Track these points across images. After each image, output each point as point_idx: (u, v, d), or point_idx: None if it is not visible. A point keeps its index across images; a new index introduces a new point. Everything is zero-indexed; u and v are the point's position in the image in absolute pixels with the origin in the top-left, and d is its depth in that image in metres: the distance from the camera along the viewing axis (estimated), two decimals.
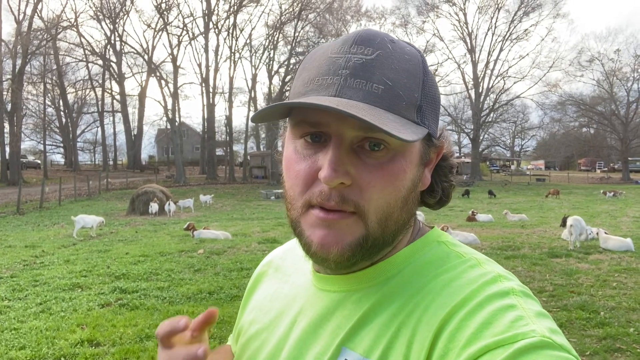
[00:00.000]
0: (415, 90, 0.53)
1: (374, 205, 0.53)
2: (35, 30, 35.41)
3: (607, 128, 47.51)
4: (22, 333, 4.55)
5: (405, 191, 0.55)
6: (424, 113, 0.55)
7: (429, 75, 0.57)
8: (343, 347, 0.56)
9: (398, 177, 0.53)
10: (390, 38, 0.56)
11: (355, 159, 0.52)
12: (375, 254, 0.57)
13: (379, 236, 0.54)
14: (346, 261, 0.54)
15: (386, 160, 0.53)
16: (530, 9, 42.21)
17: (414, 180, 0.56)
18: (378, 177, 0.52)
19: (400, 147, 0.53)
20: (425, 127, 0.55)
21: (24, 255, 8.74)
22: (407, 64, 0.54)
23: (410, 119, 0.53)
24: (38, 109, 44.35)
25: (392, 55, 0.54)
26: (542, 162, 67.93)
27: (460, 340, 0.47)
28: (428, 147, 0.58)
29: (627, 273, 6.83)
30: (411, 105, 0.53)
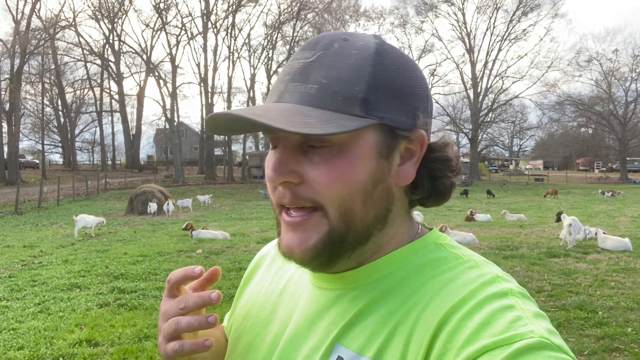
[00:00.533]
0: (356, 83, 0.53)
1: (327, 199, 0.54)
2: (34, 29, 35.39)
3: (605, 128, 47.61)
4: (21, 333, 4.55)
5: (359, 185, 0.54)
6: (371, 104, 0.53)
7: (386, 65, 0.55)
8: (337, 344, 0.56)
9: (344, 171, 0.53)
10: (344, 36, 0.57)
11: (302, 158, 0.54)
12: (349, 250, 0.57)
13: (344, 232, 0.55)
14: (310, 261, 0.56)
15: (330, 156, 0.53)
16: (529, 9, 42.27)
17: (371, 174, 0.55)
18: (323, 172, 0.53)
19: (344, 142, 0.53)
20: (370, 119, 0.53)
21: (22, 255, 8.73)
22: (352, 59, 0.54)
23: (348, 112, 0.52)
24: (36, 108, 44.35)
25: (335, 54, 0.54)
26: (541, 162, 68.07)
27: (459, 341, 0.47)
28: (392, 139, 0.56)
29: (625, 273, 6.85)
30: (351, 99, 0.53)
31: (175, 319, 0.58)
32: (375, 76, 0.54)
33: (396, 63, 0.56)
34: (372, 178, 0.55)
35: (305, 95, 0.53)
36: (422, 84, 0.58)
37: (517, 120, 53.04)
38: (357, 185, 0.54)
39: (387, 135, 0.55)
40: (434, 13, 43.67)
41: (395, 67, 0.56)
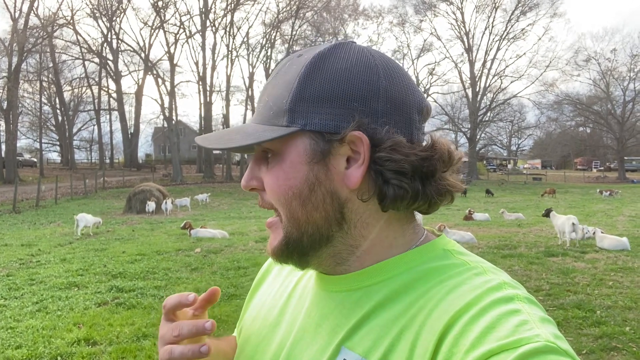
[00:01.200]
0: (284, 96, 0.57)
1: (276, 204, 0.59)
2: (32, 27, 35.31)
3: (603, 127, 47.69)
4: (19, 332, 4.54)
5: (295, 190, 0.57)
6: (296, 113, 0.56)
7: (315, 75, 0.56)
8: (342, 347, 0.56)
9: (279, 177, 0.58)
10: (299, 54, 0.60)
11: (264, 166, 0.60)
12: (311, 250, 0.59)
13: (297, 234, 0.58)
14: (280, 259, 0.61)
15: (272, 164, 0.59)
16: (527, 9, 42.34)
17: (305, 178, 0.57)
18: (267, 179, 0.59)
19: (280, 151, 0.58)
20: (292, 127, 0.56)
21: (20, 253, 8.71)
22: (288, 75, 0.58)
23: (276, 124, 0.57)
24: (34, 106, 44.27)
25: (282, 73, 0.60)
26: (539, 161, 68.15)
27: (464, 345, 0.47)
28: (326, 144, 0.56)
29: (623, 272, 6.86)
30: (279, 112, 0.57)
31: (168, 347, 0.59)
32: (301, 87, 0.56)
33: (329, 70, 0.56)
34: (306, 183, 0.57)
35: (256, 114, 0.61)
36: (366, 85, 0.56)
37: (516, 120, 53.11)
38: (291, 190, 0.57)
39: (319, 141, 0.56)
40: (432, 12, 43.74)
41: (328, 74, 0.56)
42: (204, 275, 6.95)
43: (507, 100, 46.02)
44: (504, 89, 45.31)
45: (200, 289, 6.09)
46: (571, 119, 49.84)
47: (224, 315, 5.01)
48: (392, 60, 0.61)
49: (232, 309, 5.25)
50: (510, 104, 47.24)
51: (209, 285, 6.21)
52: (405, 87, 0.59)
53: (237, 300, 5.62)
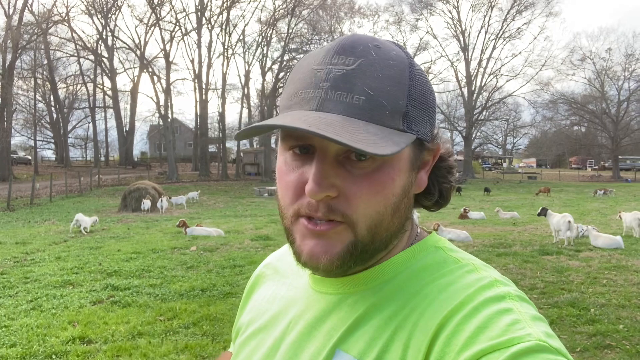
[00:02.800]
0: (400, 97, 0.53)
1: (362, 214, 0.53)
2: (26, 24, 35.04)
3: (598, 126, 47.91)
4: (13, 330, 4.52)
5: (394, 199, 0.55)
6: (411, 119, 0.54)
7: (416, 79, 0.56)
8: (337, 349, 0.56)
9: (385, 186, 0.53)
10: (376, 43, 0.55)
11: (341, 170, 0.53)
12: (368, 259, 0.57)
13: (368, 242, 0.55)
14: (335, 270, 0.55)
15: (372, 170, 0.53)
16: (523, 8, 42.43)
17: (404, 186, 0.56)
18: (364, 187, 0.52)
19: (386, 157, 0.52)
20: (412, 133, 0.54)
21: (14, 252, 8.67)
22: (392, 70, 0.53)
23: (394, 127, 0.52)
24: (28, 104, 43.95)
25: (375, 63, 0.53)
26: (534, 160, 68.41)
27: (457, 345, 0.47)
28: (420, 151, 0.57)
29: (617, 270, 6.90)
30: (396, 113, 0.52)
31: None
32: (411, 89, 0.54)
33: (422, 76, 0.57)
34: (404, 191, 0.56)
35: (351, 107, 0.51)
36: (434, 96, 0.60)
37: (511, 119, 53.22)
38: (393, 200, 0.55)
39: (418, 148, 0.57)
40: (428, 11, 43.75)
41: (422, 79, 0.57)
42: (200, 273, 6.94)
43: (502, 99, 46.15)
44: (499, 88, 45.45)
45: (195, 287, 6.08)
46: (566, 118, 50.04)
47: (219, 313, 5.01)
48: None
49: (227, 307, 5.25)
50: (505, 102, 47.41)
51: (204, 284, 6.21)
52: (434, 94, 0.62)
53: (232, 298, 5.62)
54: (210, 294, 5.83)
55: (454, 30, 44.15)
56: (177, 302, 5.43)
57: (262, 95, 41.67)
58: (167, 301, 5.51)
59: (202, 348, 4.11)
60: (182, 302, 5.46)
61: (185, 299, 5.59)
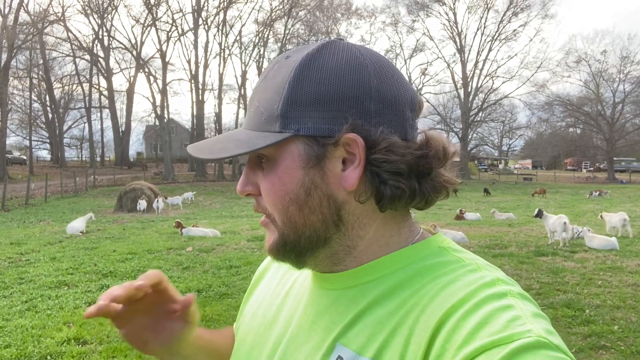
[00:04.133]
0: (275, 101, 0.56)
1: (271, 208, 0.59)
2: (21, 24, 34.90)
3: (593, 128, 48.10)
4: (7, 331, 4.49)
5: (292, 195, 0.57)
6: (290, 119, 0.55)
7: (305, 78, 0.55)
8: (337, 343, 0.56)
9: (274, 184, 0.58)
10: (287, 55, 0.59)
11: (259, 172, 0.60)
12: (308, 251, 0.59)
13: (294, 236, 0.59)
14: (277, 258, 0.62)
15: (267, 170, 0.58)
16: (519, 10, 42.63)
17: (302, 183, 0.57)
18: (264, 184, 0.59)
19: (275, 157, 0.57)
20: (286, 132, 0.55)
21: (9, 252, 8.62)
22: (278, 78, 0.57)
23: (269, 130, 0.57)
24: (24, 104, 43.78)
25: (271, 77, 0.59)
26: (530, 161, 68.61)
27: (457, 341, 0.47)
28: (320, 147, 0.56)
29: (611, 271, 6.94)
30: (271, 118, 0.56)
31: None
32: (292, 91, 0.55)
33: (319, 72, 0.55)
34: (302, 187, 0.57)
35: (247, 120, 0.60)
36: (357, 85, 0.55)
37: (507, 120, 53.41)
38: (288, 195, 0.57)
39: (313, 145, 0.56)
40: (425, 12, 43.88)
41: (318, 76, 0.55)
42: (196, 274, 6.92)
43: (498, 101, 46.31)
44: (495, 90, 45.63)
45: (191, 287, 6.07)
46: (561, 120, 50.24)
47: (215, 314, 5.00)
48: (382, 57, 0.60)
49: (223, 307, 5.24)
50: (501, 104, 47.57)
51: (200, 284, 6.20)
52: (396, 84, 0.58)
53: (228, 299, 5.61)
54: (206, 294, 5.82)
55: (451, 32, 44.32)
56: None
57: None
58: None
59: None
60: None
61: None
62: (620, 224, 10.32)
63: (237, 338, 0.74)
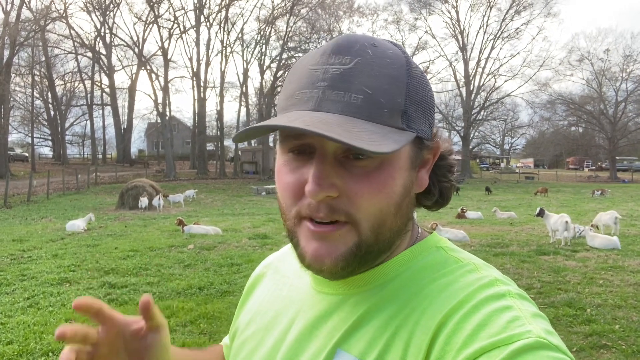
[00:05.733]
0: (398, 95, 0.53)
1: (364, 213, 0.53)
2: (24, 21, 34.87)
3: (595, 127, 48.00)
4: (10, 328, 4.51)
5: (396, 197, 0.54)
6: (410, 117, 0.54)
7: (414, 77, 0.56)
8: (338, 349, 0.56)
9: (386, 185, 0.53)
10: (372, 42, 0.55)
11: (341, 170, 0.52)
12: (372, 260, 0.57)
13: (372, 243, 0.54)
14: (340, 271, 0.55)
15: (372, 169, 0.52)
16: (522, 8, 42.47)
17: (405, 185, 0.55)
18: (365, 185, 0.52)
19: (389, 155, 0.52)
20: (411, 131, 0.54)
21: (11, 249, 8.64)
22: (389, 69, 0.53)
23: (393, 125, 0.52)
24: (26, 101, 43.80)
25: (373, 61, 0.53)
26: (531, 160, 68.49)
27: (457, 343, 0.47)
28: (420, 150, 0.57)
29: (613, 271, 6.93)
30: (394, 112, 0.52)
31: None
32: (410, 88, 0.54)
33: (420, 74, 0.58)
34: (406, 190, 0.56)
35: (349, 106, 0.51)
36: (432, 94, 0.60)
37: (509, 119, 53.41)
38: (395, 198, 0.54)
39: (418, 147, 0.57)
40: (427, 10, 43.74)
41: (420, 78, 0.57)
42: (197, 271, 6.93)
43: (500, 99, 46.22)
44: (497, 88, 45.53)
45: (193, 285, 6.08)
46: (564, 119, 50.12)
47: (216, 312, 5.01)
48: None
49: (225, 305, 5.25)
50: (503, 103, 47.51)
51: (202, 282, 6.21)
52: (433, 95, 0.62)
53: (230, 297, 5.62)
54: (207, 292, 5.83)
55: (453, 30, 44.21)
56: (175, 301, 5.43)
57: (261, 93, 41.63)
58: (164, 299, 5.50)
59: (200, 346, 4.10)
60: (180, 300, 5.46)
61: (183, 297, 5.59)
62: (612, 222, 10.32)
63: (235, 344, 0.72)
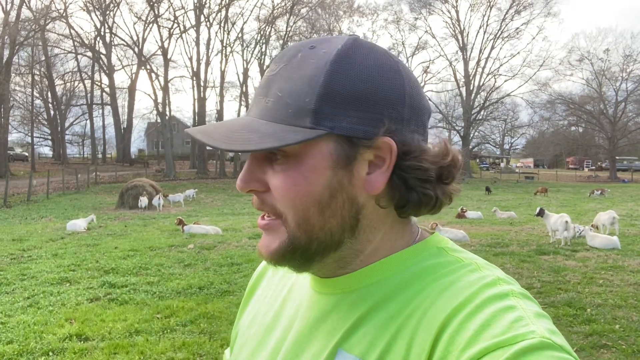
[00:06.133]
0: (308, 94, 0.52)
1: (285, 207, 0.55)
2: (24, 20, 34.87)
3: (595, 127, 48.01)
4: (10, 327, 4.51)
5: (316, 195, 0.54)
6: (324, 115, 0.52)
7: (342, 73, 0.53)
8: (339, 349, 0.55)
9: (297, 182, 0.54)
10: (311, 45, 0.56)
11: (267, 167, 0.56)
12: (317, 256, 0.57)
13: (305, 240, 0.56)
14: (277, 263, 0.58)
15: (287, 167, 0.54)
16: (522, 8, 42.48)
17: (329, 184, 0.54)
18: (280, 181, 0.55)
19: (298, 153, 0.54)
20: (320, 130, 0.52)
21: (11, 248, 8.65)
22: (308, 69, 0.53)
23: (298, 125, 0.53)
24: (26, 100, 43.80)
25: (295, 65, 0.55)
26: (531, 160, 68.51)
27: (460, 343, 0.47)
28: (352, 148, 0.54)
29: (613, 271, 6.93)
30: (301, 111, 0.53)
31: None
32: (328, 85, 0.53)
33: (358, 68, 0.54)
34: (328, 188, 0.54)
35: (263, 109, 0.55)
36: (394, 88, 0.55)
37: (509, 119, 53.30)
38: (312, 196, 0.54)
39: (345, 145, 0.54)
40: (427, 10, 43.75)
41: (355, 73, 0.53)
42: (197, 271, 6.94)
43: (500, 99, 46.20)
44: (497, 88, 45.51)
45: (193, 285, 6.08)
46: (564, 119, 50.11)
47: (216, 311, 5.01)
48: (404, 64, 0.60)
49: (225, 305, 5.25)
50: (503, 102, 47.45)
51: (202, 282, 6.21)
52: (421, 93, 0.59)
53: (230, 296, 5.62)
54: (207, 292, 5.83)
55: (453, 30, 44.22)
56: (175, 300, 5.43)
57: None
58: (164, 299, 5.51)
59: (200, 346, 4.11)
60: (180, 300, 5.46)
61: (183, 297, 5.59)
62: (609, 222, 10.32)
63: (236, 345, 0.72)
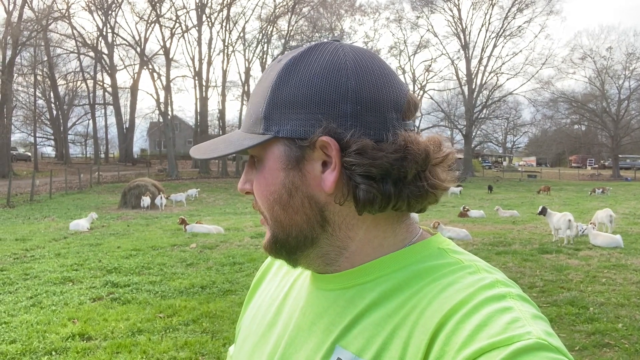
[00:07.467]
0: (261, 103, 0.59)
1: (262, 206, 0.62)
2: (26, 20, 34.97)
3: (598, 125, 47.88)
4: (13, 327, 4.52)
5: (276, 195, 0.59)
6: (272, 121, 0.58)
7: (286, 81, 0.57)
8: (337, 345, 0.56)
9: (260, 184, 0.61)
10: (280, 59, 0.61)
11: (254, 172, 0.63)
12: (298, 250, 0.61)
13: (283, 235, 0.61)
14: (272, 256, 0.64)
15: (258, 170, 0.61)
16: (524, 6, 42.33)
17: (284, 184, 0.58)
18: (254, 184, 0.62)
19: (261, 157, 0.60)
20: (267, 134, 0.58)
21: (14, 248, 8.67)
22: (267, 82, 0.59)
23: (254, 132, 0.59)
24: (28, 100, 43.89)
25: (263, 79, 0.61)
26: (534, 158, 68.35)
27: (456, 343, 0.47)
28: (299, 149, 0.57)
29: (616, 269, 6.91)
30: (257, 119, 0.59)
31: None
32: (274, 94, 0.58)
33: (302, 75, 0.57)
34: (284, 188, 0.59)
35: (242, 122, 0.64)
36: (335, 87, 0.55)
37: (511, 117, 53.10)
38: (272, 196, 0.60)
39: (293, 147, 0.57)
40: (429, 8, 43.66)
41: (298, 79, 0.57)
42: (199, 270, 6.95)
43: (502, 98, 46.06)
44: (499, 86, 45.38)
45: (195, 284, 6.09)
46: (566, 117, 49.98)
47: (219, 310, 5.02)
48: (370, 57, 0.59)
49: (227, 304, 5.26)
50: (506, 101, 47.30)
51: (204, 281, 6.22)
52: (377, 85, 0.57)
53: (232, 295, 5.63)
54: (210, 291, 5.84)
55: (455, 28, 44.11)
56: (177, 299, 5.44)
57: None
58: (166, 298, 5.52)
59: (202, 345, 4.12)
60: (182, 299, 5.47)
61: (185, 296, 5.60)
62: (607, 220, 10.30)
63: (239, 340, 0.74)
